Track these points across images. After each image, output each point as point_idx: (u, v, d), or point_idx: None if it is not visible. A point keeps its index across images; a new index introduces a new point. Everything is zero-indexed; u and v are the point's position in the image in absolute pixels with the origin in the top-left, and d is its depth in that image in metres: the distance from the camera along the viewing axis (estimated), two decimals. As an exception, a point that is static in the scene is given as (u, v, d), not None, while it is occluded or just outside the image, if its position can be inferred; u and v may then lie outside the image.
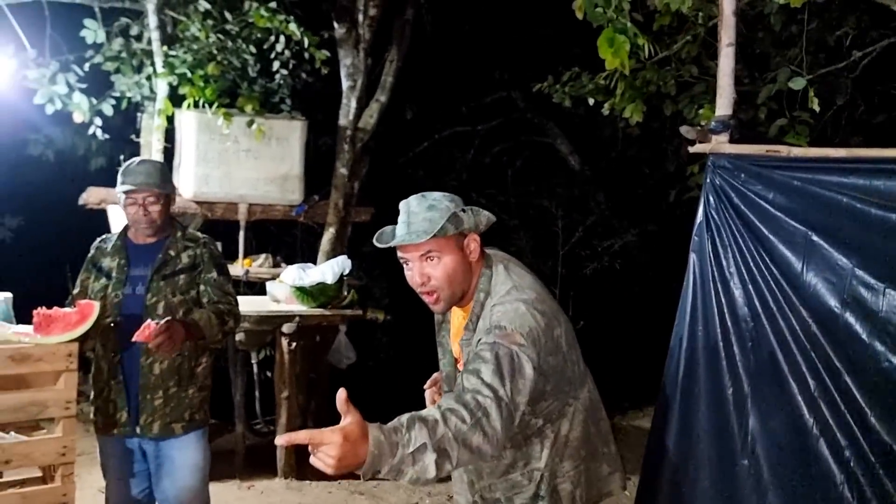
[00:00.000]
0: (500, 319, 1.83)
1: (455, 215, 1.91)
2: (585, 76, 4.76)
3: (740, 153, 2.33)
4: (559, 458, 1.98)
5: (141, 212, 2.73)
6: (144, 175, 2.73)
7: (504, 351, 1.74)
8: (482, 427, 1.62)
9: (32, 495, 2.56)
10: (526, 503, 1.99)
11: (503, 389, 1.68)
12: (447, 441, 1.57)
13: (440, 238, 1.89)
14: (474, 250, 1.95)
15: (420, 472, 1.55)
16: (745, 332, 2.27)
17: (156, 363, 2.75)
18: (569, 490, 1.99)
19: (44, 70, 4.92)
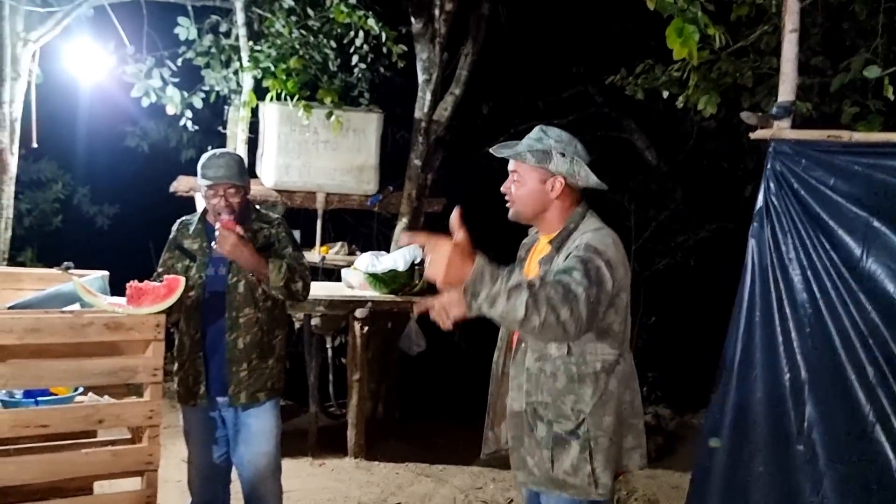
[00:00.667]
0: (590, 241, 2.04)
1: (545, 152, 2.13)
2: (659, 68, 4.72)
3: (801, 139, 2.32)
4: (602, 411, 2.11)
5: (223, 202, 2.89)
6: (225, 168, 2.89)
7: (592, 264, 1.94)
8: (571, 305, 1.82)
9: (122, 453, 2.76)
10: (561, 433, 2.11)
11: (591, 290, 1.88)
12: (540, 298, 1.77)
13: (522, 164, 2.14)
14: (556, 190, 2.14)
15: (510, 309, 1.76)
16: (804, 319, 2.26)
17: (239, 338, 2.94)
18: (605, 446, 2.11)
19: (140, 65, 5.26)
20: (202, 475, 3.11)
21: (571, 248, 2.07)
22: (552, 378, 2.13)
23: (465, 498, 4.60)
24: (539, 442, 2.15)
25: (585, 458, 2.09)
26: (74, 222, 8.43)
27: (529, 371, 2.16)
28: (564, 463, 2.11)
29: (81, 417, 2.66)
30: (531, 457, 2.18)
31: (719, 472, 2.42)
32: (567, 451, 2.10)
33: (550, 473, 2.13)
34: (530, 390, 2.17)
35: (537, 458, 2.16)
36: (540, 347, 2.13)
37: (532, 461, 2.18)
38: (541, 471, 2.16)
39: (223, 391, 2.96)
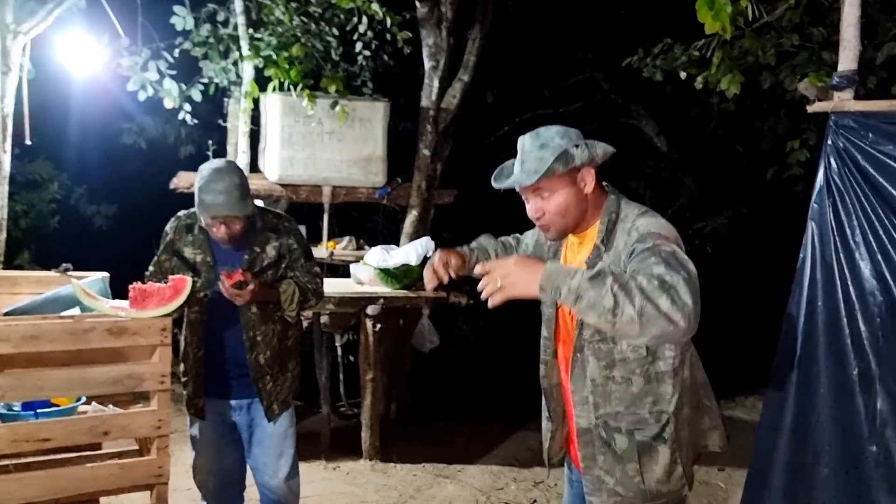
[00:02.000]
0: (650, 227, 1.86)
1: (565, 153, 1.92)
2: (679, 47, 4.53)
3: (867, 110, 2.13)
4: (682, 404, 1.97)
5: (224, 231, 2.68)
6: (224, 195, 2.61)
7: (667, 252, 1.73)
8: (671, 295, 1.57)
9: (130, 466, 2.60)
10: (647, 440, 1.96)
11: (684, 273, 1.64)
12: (630, 286, 1.57)
13: (550, 177, 1.92)
14: (588, 183, 1.96)
15: (597, 299, 1.55)
16: (873, 307, 2.08)
17: (260, 355, 2.82)
18: (687, 437, 1.98)
19: (136, 58, 5.05)
20: (216, 479, 3.01)
21: (628, 241, 1.86)
22: (625, 384, 1.95)
23: (486, 500, 4.44)
24: (621, 456, 1.98)
25: (676, 460, 1.96)
26: (72, 223, 8.25)
27: (595, 382, 1.98)
28: (656, 472, 1.96)
29: (86, 430, 2.51)
30: (611, 475, 1.99)
31: (779, 476, 2.23)
32: (656, 459, 1.96)
33: (642, 487, 1.96)
34: (598, 403, 1.99)
35: (620, 475, 1.98)
36: (606, 353, 1.95)
37: (613, 479, 1.99)
38: (628, 488, 1.98)
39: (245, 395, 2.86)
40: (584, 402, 2.01)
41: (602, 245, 1.93)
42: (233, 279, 2.63)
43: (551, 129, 1.99)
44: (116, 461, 2.66)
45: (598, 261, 1.92)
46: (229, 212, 2.62)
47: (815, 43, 4.50)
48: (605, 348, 1.95)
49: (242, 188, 2.68)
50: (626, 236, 1.89)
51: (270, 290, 2.76)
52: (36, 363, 2.38)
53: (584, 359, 1.98)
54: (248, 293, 2.65)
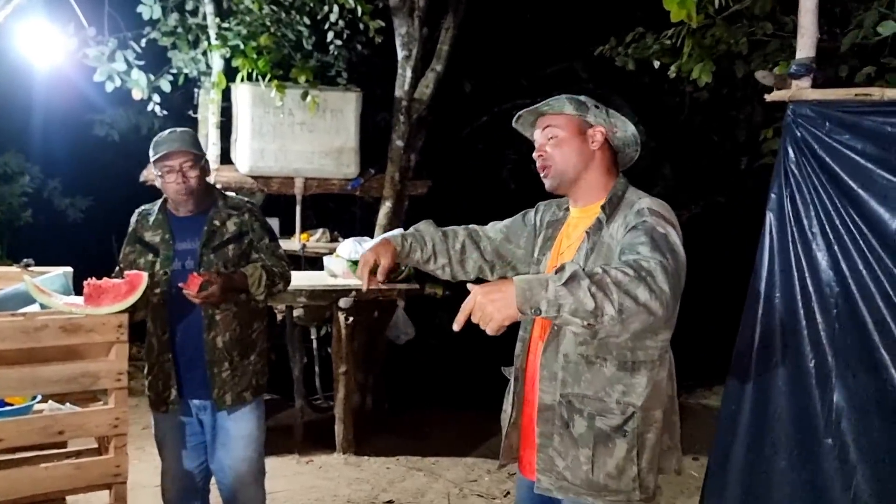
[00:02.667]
0: (651, 205, 1.87)
1: (580, 101, 1.98)
2: (650, 36, 4.50)
3: (825, 99, 2.10)
4: (653, 404, 1.90)
5: (179, 178, 2.66)
6: (179, 141, 2.66)
7: (659, 232, 1.74)
8: (648, 283, 1.57)
9: (87, 466, 2.55)
10: (606, 429, 1.89)
11: (665, 259, 1.65)
12: (606, 283, 1.54)
13: (560, 115, 1.97)
14: (598, 140, 1.98)
15: (577, 304, 1.52)
16: (830, 299, 2.06)
17: (218, 336, 2.73)
18: (652, 442, 1.90)
19: (103, 48, 4.95)
20: (179, 485, 2.91)
21: (629, 215, 1.85)
22: (598, 365, 1.90)
23: (459, 492, 4.41)
24: (576, 440, 1.91)
25: (632, 459, 1.88)
26: (46, 216, 8.14)
27: (568, 358, 1.93)
28: (608, 465, 1.88)
29: (39, 429, 2.45)
30: (562, 458, 1.94)
31: (738, 468, 2.22)
32: (611, 451, 1.88)
33: (590, 477, 1.89)
34: (567, 380, 1.93)
35: (571, 460, 1.92)
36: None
37: (563, 463, 1.93)
38: (575, 474, 1.91)
39: (202, 394, 2.75)
40: (552, 378, 1.95)
41: (604, 215, 1.91)
42: (193, 284, 2.57)
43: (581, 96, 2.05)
44: (73, 461, 2.60)
45: (598, 234, 1.91)
46: (181, 146, 2.64)
47: (787, 32, 4.48)
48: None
49: (195, 139, 2.76)
50: (627, 210, 1.89)
51: (237, 276, 2.69)
52: (-11, 362, 2.32)
53: (563, 333, 1.93)
54: (217, 289, 2.59)
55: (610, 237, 1.89)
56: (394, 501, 4.26)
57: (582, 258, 1.92)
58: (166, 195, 2.76)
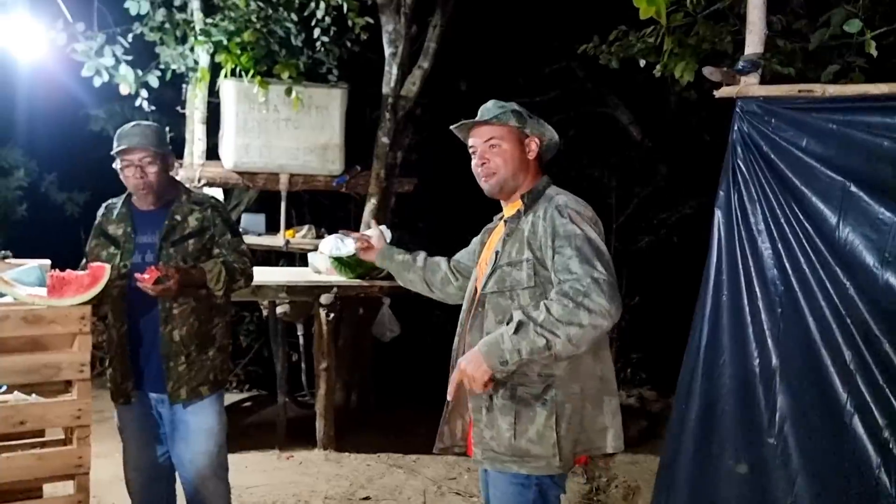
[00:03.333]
0: (567, 202, 2.05)
1: (520, 113, 2.16)
2: (633, 34, 4.47)
3: (770, 94, 2.08)
4: (573, 377, 2.03)
5: (138, 174, 2.68)
6: (139, 136, 2.68)
7: (580, 239, 1.94)
8: (586, 306, 1.83)
9: (48, 457, 2.56)
10: (526, 397, 2.03)
11: (595, 271, 1.88)
12: (549, 322, 1.83)
13: (503, 126, 2.13)
14: (533, 150, 2.16)
15: (531, 345, 1.85)
16: (774, 297, 2.04)
17: (175, 330, 2.72)
18: (569, 412, 2.02)
19: (91, 43, 4.98)
20: (143, 476, 2.92)
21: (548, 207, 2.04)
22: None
23: (437, 489, 4.41)
24: (500, 409, 2.05)
25: (551, 426, 2.00)
26: (43, 210, 8.20)
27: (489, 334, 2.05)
28: (529, 431, 2.01)
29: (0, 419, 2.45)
30: (489, 428, 2.07)
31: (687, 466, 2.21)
32: (532, 419, 2.02)
33: (512, 442, 2.02)
34: None
35: (496, 430, 2.05)
36: (503, 309, 2.05)
37: (490, 433, 2.07)
38: (500, 442, 2.04)
39: (159, 387, 2.75)
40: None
41: (523, 208, 2.10)
42: (150, 278, 2.58)
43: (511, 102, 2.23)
44: (34, 451, 2.61)
45: (515, 222, 2.11)
46: (142, 146, 2.65)
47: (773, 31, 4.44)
48: (504, 304, 2.05)
49: (160, 135, 2.75)
50: (546, 204, 2.07)
51: (195, 271, 2.70)
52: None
53: (484, 313, 2.09)
54: (174, 283, 2.60)
55: (526, 223, 2.08)
56: (371, 498, 4.25)
57: (501, 244, 2.12)
58: (125, 184, 2.78)
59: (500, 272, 2.07)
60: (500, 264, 2.08)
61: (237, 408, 6.27)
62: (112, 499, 3.75)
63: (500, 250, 2.09)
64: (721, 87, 2.24)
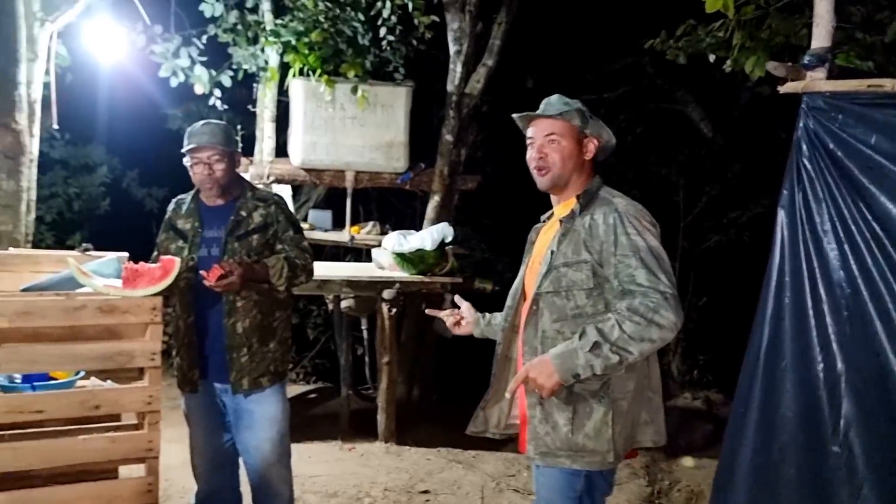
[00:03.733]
0: (628, 208, 2.06)
1: (583, 112, 2.16)
2: (702, 28, 4.36)
3: (837, 90, 2.00)
4: (628, 375, 2.05)
5: (206, 171, 2.77)
6: (208, 135, 2.77)
7: (643, 249, 1.96)
8: (656, 322, 1.87)
9: (121, 440, 2.67)
10: (584, 394, 2.04)
11: (661, 284, 1.91)
12: (624, 341, 1.87)
13: (566, 122, 2.13)
14: (590, 150, 2.17)
15: (606, 362, 1.89)
16: (840, 300, 1.96)
17: (238, 322, 2.81)
18: (624, 409, 2.05)
19: (168, 44, 5.19)
20: (208, 462, 3.02)
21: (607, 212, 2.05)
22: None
23: (496, 485, 4.42)
24: (557, 405, 2.05)
25: (608, 423, 2.02)
26: (124, 206, 8.56)
27: (545, 334, 2.08)
28: (587, 426, 2.03)
29: (77, 403, 2.57)
30: (544, 424, 2.08)
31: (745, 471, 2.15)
32: (589, 414, 2.04)
33: (570, 437, 2.04)
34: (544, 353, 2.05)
35: (552, 424, 2.06)
36: (559, 308, 2.07)
37: (545, 429, 2.07)
38: (556, 437, 2.05)
39: (222, 377, 2.84)
40: (533, 352, 2.09)
41: (579, 206, 2.10)
42: (213, 274, 2.67)
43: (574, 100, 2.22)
44: (108, 435, 2.74)
45: (571, 222, 2.10)
46: (210, 144, 2.75)
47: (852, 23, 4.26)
48: (559, 303, 2.06)
49: (227, 133, 2.84)
50: (604, 207, 2.07)
51: (259, 267, 2.78)
52: (33, 338, 2.46)
53: (540, 311, 2.10)
54: (237, 277, 2.69)
55: (581, 224, 2.07)
56: (430, 492, 4.30)
57: (556, 244, 2.10)
58: (193, 181, 2.88)
59: (555, 272, 2.07)
60: (556, 264, 2.07)
61: (303, 399, 6.43)
62: (182, 482, 3.90)
63: (555, 250, 2.09)
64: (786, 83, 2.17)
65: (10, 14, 3.97)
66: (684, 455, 4.86)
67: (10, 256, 3.19)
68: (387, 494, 4.21)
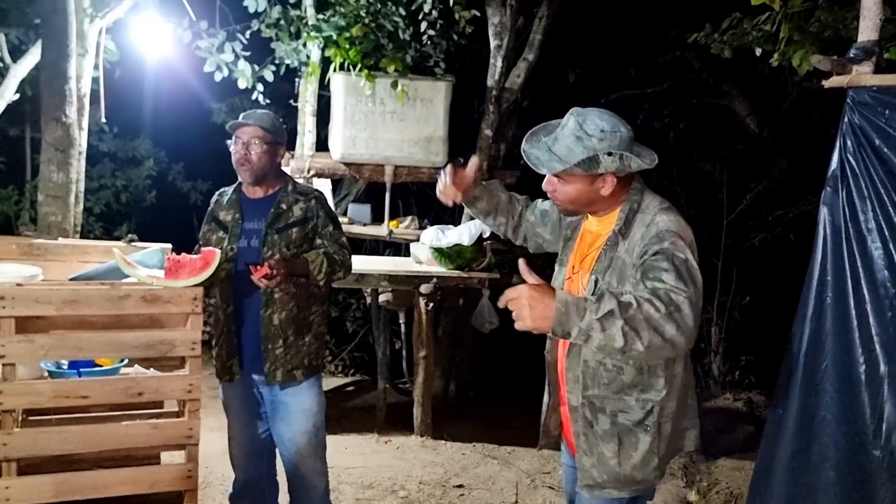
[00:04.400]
0: (670, 225, 1.88)
1: (593, 160, 1.91)
2: (748, 21, 4.27)
3: (884, 84, 1.94)
4: (670, 397, 1.97)
5: (242, 149, 2.80)
6: (255, 117, 2.81)
7: (680, 259, 1.79)
8: (675, 319, 1.66)
9: (162, 426, 2.73)
10: (628, 425, 1.97)
11: (688, 291, 1.72)
12: (638, 321, 1.62)
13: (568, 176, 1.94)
14: (607, 187, 1.96)
15: (607, 340, 1.61)
16: (885, 301, 1.91)
17: (274, 314, 2.84)
18: (668, 431, 1.98)
19: (213, 39, 5.27)
20: (245, 451, 3.07)
21: (645, 234, 1.90)
22: (615, 372, 1.96)
23: (531, 482, 4.41)
24: (601, 437, 1.99)
25: (654, 451, 1.97)
26: (169, 198, 8.75)
27: (587, 363, 2.00)
28: (633, 457, 1.97)
29: (121, 389, 2.64)
30: (588, 455, 2.02)
31: (783, 474, 2.11)
32: (635, 445, 1.97)
33: (617, 470, 1.97)
34: (587, 384, 2.01)
35: (597, 457, 2.00)
36: None
37: (590, 461, 2.01)
38: (603, 469, 1.99)
39: (258, 368, 2.89)
40: (575, 381, 2.03)
41: (620, 234, 1.95)
42: (259, 273, 2.71)
43: (601, 122, 1.93)
44: (150, 421, 2.81)
45: (614, 249, 1.95)
46: (255, 121, 2.79)
47: (901, 14, 4.12)
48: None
49: (274, 122, 2.86)
50: (643, 228, 1.92)
51: (299, 262, 2.81)
52: (80, 326, 2.53)
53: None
54: (280, 275, 2.71)
55: (625, 252, 1.94)
56: (464, 486, 4.31)
57: (602, 272, 1.98)
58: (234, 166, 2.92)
59: None
60: None
61: (340, 391, 6.50)
62: (222, 470, 3.98)
63: (599, 279, 1.96)
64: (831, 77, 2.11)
65: (61, 10, 4.08)
66: (723, 456, 4.79)
67: (59, 246, 3.29)
68: (422, 488, 4.23)
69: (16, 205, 7.22)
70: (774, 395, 2.21)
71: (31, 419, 2.73)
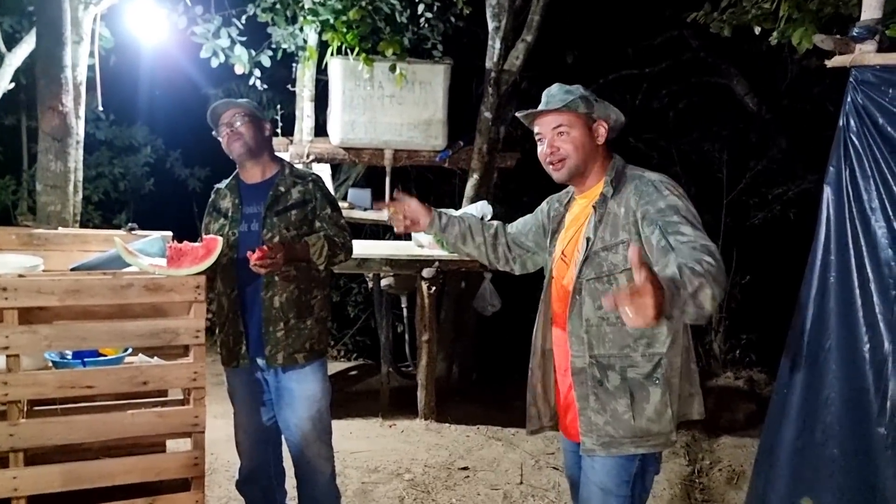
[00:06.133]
0: (661, 177, 2.02)
1: (587, 98, 2.11)
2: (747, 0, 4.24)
3: (888, 63, 1.93)
4: (675, 352, 2.03)
5: (227, 130, 2.81)
6: (226, 103, 2.83)
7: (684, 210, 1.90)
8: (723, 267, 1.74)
9: (168, 415, 2.73)
10: (638, 378, 2.02)
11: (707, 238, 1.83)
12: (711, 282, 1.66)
13: (572, 113, 2.09)
14: (602, 134, 2.13)
15: (699, 308, 1.63)
16: (888, 279, 1.91)
17: (275, 296, 2.84)
18: (676, 385, 2.03)
19: (209, 25, 5.23)
20: (251, 438, 3.08)
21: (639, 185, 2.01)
22: (619, 324, 2.01)
23: (535, 463, 4.44)
24: (612, 393, 2.04)
25: (666, 402, 2.02)
26: (168, 185, 8.72)
27: (589, 322, 2.06)
28: (647, 411, 2.02)
29: (125, 378, 2.65)
30: (601, 414, 2.05)
31: (787, 452, 2.12)
32: (647, 398, 2.02)
33: (632, 423, 2.02)
34: (592, 343, 2.07)
35: (611, 413, 2.04)
36: (601, 294, 2.04)
37: (603, 418, 2.05)
38: (619, 425, 2.03)
39: (261, 352, 2.89)
40: (580, 342, 2.07)
41: (609, 191, 2.06)
42: (257, 256, 2.70)
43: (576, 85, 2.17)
44: (155, 410, 2.81)
45: (604, 206, 2.06)
46: (230, 104, 2.82)
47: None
48: (601, 288, 2.03)
49: (249, 103, 2.87)
50: (635, 182, 2.04)
51: (300, 246, 2.81)
52: (83, 316, 2.53)
53: (581, 300, 2.07)
54: (279, 258, 2.72)
55: (617, 206, 2.03)
56: (469, 468, 4.34)
57: (591, 230, 2.06)
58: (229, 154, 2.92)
59: (595, 258, 2.05)
60: (595, 250, 2.05)
61: (344, 376, 6.52)
62: (228, 457, 4.00)
63: (591, 237, 2.06)
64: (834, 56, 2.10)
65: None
66: (725, 434, 4.82)
67: (59, 236, 3.28)
68: (427, 470, 4.26)
69: (13, 194, 7.20)
70: (779, 375, 2.22)
71: (36, 409, 2.74)
